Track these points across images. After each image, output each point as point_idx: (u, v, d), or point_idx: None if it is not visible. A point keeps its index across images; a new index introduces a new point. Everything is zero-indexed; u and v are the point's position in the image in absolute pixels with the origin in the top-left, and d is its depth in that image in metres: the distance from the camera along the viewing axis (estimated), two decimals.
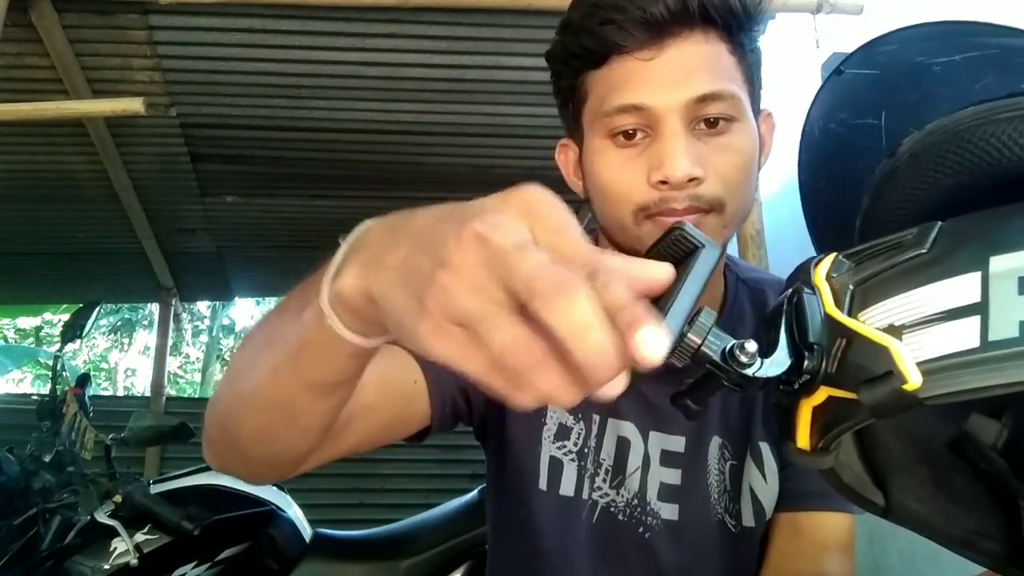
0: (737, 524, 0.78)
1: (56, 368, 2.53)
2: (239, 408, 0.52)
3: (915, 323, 0.32)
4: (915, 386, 0.31)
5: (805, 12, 2.24)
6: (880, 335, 0.33)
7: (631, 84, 0.65)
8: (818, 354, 0.35)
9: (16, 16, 2.12)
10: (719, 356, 0.34)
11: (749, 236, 2.12)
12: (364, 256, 0.39)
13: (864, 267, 0.36)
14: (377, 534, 2.19)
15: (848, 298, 0.35)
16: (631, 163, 0.67)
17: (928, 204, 0.40)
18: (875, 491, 0.42)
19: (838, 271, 0.37)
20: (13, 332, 10.64)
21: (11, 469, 2.03)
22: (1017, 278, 0.31)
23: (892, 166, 0.41)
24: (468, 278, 0.30)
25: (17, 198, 3.21)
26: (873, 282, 0.35)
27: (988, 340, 0.30)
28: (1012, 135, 0.36)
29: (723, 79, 0.65)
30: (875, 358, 0.32)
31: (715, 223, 0.66)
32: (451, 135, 2.93)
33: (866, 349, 0.33)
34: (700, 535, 0.78)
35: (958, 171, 0.38)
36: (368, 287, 0.37)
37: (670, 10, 0.63)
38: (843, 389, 0.34)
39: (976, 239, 0.34)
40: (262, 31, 2.37)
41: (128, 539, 1.89)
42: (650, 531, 0.78)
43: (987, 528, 0.42)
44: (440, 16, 2.33)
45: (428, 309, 0.31)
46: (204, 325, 11.72)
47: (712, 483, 0.78)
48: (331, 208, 3.51)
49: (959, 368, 0.30)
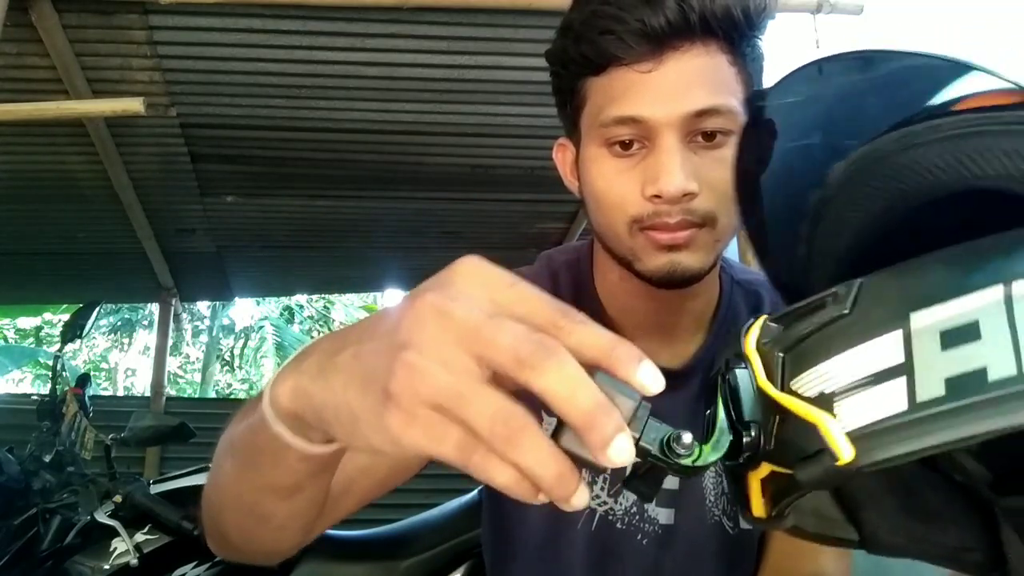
0: (735, 526, 0.78)
1: (56, 368, 2.52)
2: (219, 507, 0.53)
3: (844, 389, 0.32)
4: (847, 460, 0.30)
5: (805, 12, 2.25)
6: (810, 410, 0.32)
7: (629, 96, 0.64)
8: (755, 432, 0.34)
9: (16, 16, 2.12)
10: (657, 449, 0.33)
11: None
12: (307, 363, 0.38)
13: (792, 330, 0.35)
14: (377, 534, 2.19)
15: (779, 367, 0.35)
16: (626, 174, 0.66)
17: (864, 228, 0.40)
18: (847, 528, 0.42)
19: (768, 337, 0.36)
20: (13, 332, 10.64)
21: (11, 469, 2.03)
22: (939, 332, 0.31)
23: (824, 195, 0.42)
24: (436, 353, 0.30)
25: (17, 198, 3.21)
26: (801, 348, 0.35)
27: (916, 402, 0.30)
28: (933, 158, 0.36)
29: (722, 92, 0.64)
30: (806, 436, 0.32)
31: (708, 238, 0.67)
32: (451, 135, 2.93)
33: (798, 427, 0.32)
34: (697, 538, 0.78)
35: (886, 196, 0.39)
36: (309, 393, 0.37)
37: (670, 22, 0.62)
38: (781, 466, 0.34)
39: (896, 295, 0.33)
40: (262, 31, 2.37)
41: (128, 539, 1.89)
42: (648, 537, 0.78)
43: (968, 541, 0.42)
44: (440, 16, 2.33)
45: (394, 396, 0.30)
46: (204, 325, 11.72)
47: (708, 486, 0.78)
48: (331, 208, 3.51)
49: (890, 433, 0.30)
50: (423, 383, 0.29)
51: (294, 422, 0.39)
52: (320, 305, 12.35)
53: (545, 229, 3.80)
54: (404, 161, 3.09)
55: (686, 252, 0.66)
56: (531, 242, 3.85)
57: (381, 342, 0.32)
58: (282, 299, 10.96)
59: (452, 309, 0.30)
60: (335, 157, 3.05)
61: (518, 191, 3.32)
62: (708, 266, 0.69)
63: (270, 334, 11.44)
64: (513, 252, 3.87)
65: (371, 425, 0.32)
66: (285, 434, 0.40)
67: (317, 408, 0.36)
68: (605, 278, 0.78)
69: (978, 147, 0.35)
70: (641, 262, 0.68)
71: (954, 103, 0.38)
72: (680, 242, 0.65)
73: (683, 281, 0.67)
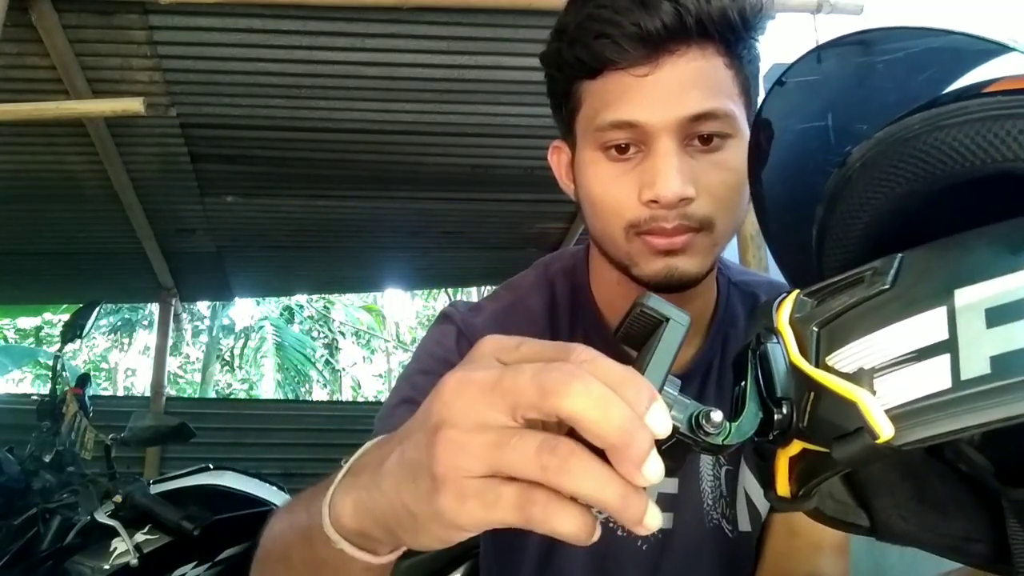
0: (733, 529, 0.78)
1: (56, 368, 2.52)
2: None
3: (885, 366, 0.31)
4: (887, 439, 0.30)
5: (805, 12, 2.25)
6: (848, 388, 0.32)
7: (625, 100, 0.64)
8: (788, 409, 0.34)
9: (16, 16, 2.12)
10: (685, 427, 0.33)
11: (749, 236, 2.11)
12: (362, 479, 0.39)
13: (827, 306, 0.35)
14: None
15: (814, 342, 0.34)
16: (622, 178, 0.66)
17: (883, 211, 0.40)
18: (859, 513, 0.42)
19: (800, 311, 0.36)
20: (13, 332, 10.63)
21: (11, 469, 2.03)
22: (984, 310, 0.30)
23: (844, 175, 0.41)
24: (468, 420, 0.30)
25: (17, 198, 3.21)
26: (838, 323, 0.34)
27: (960, 379, 0.29)
28: (962, 140, 0.35)
29: (719, 96, 0.64)
30: (845, 414, 0.31)
31: (705, 242, 0.66)
32: (451, 135, 2.93)
33: (835, 404, 0.32)
34: (695, 542, 0.78)
35: (910, 179, 0.38)
36: (368, 506, 0.37)
37: (666, 26, 0.61)
38: (816, 444, 0.33)
39: (939, 271, 0.32)
40: (262, 31, 2.37)
41: (128, 539, 1.89)
42: (647, 542, 0.78)
43: (973, 532, 0.42)
44: (440, 16, 2.33)
45: (440, 477, 0.30)
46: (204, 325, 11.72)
47: (705, 489, 0.78)
48: (331, 208, 3.51)
49: (932, 412, 0.30)
50: (464, 453, 0.30)
51: (359, 538, 0.40)
52: (320, 305, 12.35)
53: (545, 229, 3.80)
54: (404, 161, 3.09)
55: (683, 257, 0.66)
56: (531, 242, 3.85)
57: (419, 434, 0.32)
58: (282, 299, 10.95)
59: (471, 376, 0.31)
60: (335, 157, 3.04)
61: (518, 191, 3.31)
62: (705, 270, 0.68)
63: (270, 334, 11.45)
64: (513, 252, 3.87)
65: (427, 516, 0.32)
66: (350, 550, 0.40)
67: (379, 518, 0.36)
68: (602, 283, 0.78)
69: (1009, 130, 0.34)
70: (638, 267, 0.67)
71: (984, 85, 0.37)
72: (677, 247, 0.65)
73: (680, 286, 0.67)
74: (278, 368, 11.67)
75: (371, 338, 13.11)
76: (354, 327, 12.92)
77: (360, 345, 13.37)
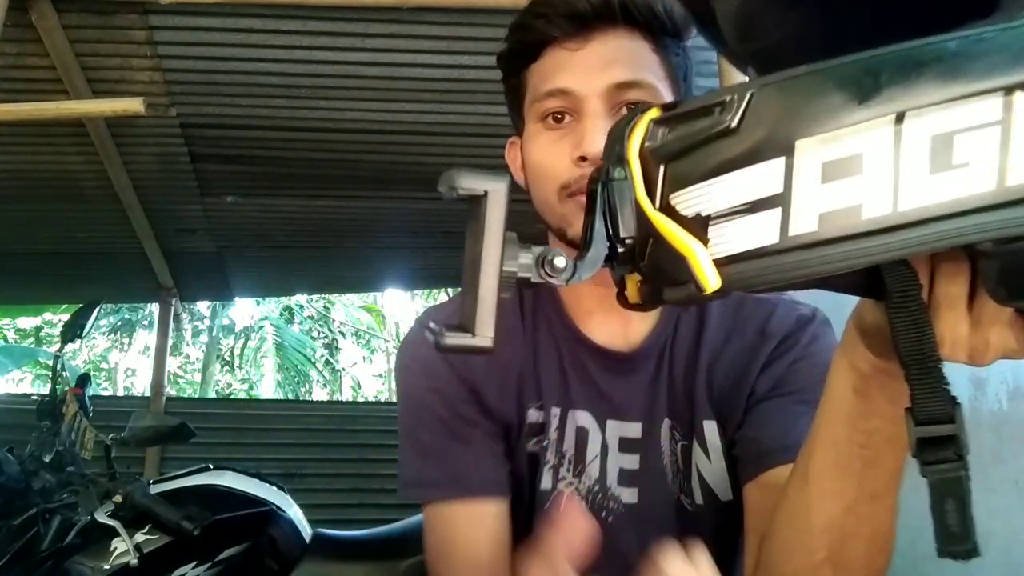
0: (692, 502, 0.80)
1: (56, 368, 2.52)
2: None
3: (721, 214, 0.32)
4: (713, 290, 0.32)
5: None
6: (683, 240, 0.33)
7: (559, 70, 0.73)
8: (629, 249, 0.36)
9: (16, 16, 2.12)
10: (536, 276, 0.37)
11: None
12: None
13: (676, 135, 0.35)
14: (377, 534, 2.19)
15: (660, 179, 0.35)
16: (558, 143, 0.73)
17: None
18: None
19: (652, 140, 0.36)
20: (13, 332, 10.63)
21: (11, 469, 2.03)
22: (821, 164, 0.30)
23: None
24: None
25: (17, 198, 3.21)
26: (683, 162, 0.34)
27: (787, 234, 0.30)
28: None
29: (643, 70, 0.72)
30: (677, 265, 0.33)
31: None
32: (451, 135, 2.93)
33: (670, 254, 0.34)
34: (660, 516, 0.80)
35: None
36: None
37: (593, 7, 0.71)
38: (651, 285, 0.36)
39: (785, 115, 0.31)
40: (262, 31, 2.37)
41: (128, 539, 1.89)
42: (612, 515, 0.80)
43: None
44: (440, 16, 2.33)
45: None
46: (204, 325, 11.70)
47: (667, 464, 0.80)
48: (331, 208, 3.51)
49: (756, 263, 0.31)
50: None
51: None
52: (320, 305, 12.34)
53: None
54: (404, 161, 3.09)
55: None
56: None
57: None
58: (282, 299, 10.95)
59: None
60: (335, 157, 3.04)
61: (518, 191, 3.31)
62: None
63: (270, 334, 11.44)
64: None
65: None
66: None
67: None
68: None
69: None
70: (572, 228, 0.73)
71: None
72: None
73: None
74: (278, 368, 11.67)
75: (371, 338, 13.10)
76: (354, 327, 12.91)
77: (360, 345, 13.35)
